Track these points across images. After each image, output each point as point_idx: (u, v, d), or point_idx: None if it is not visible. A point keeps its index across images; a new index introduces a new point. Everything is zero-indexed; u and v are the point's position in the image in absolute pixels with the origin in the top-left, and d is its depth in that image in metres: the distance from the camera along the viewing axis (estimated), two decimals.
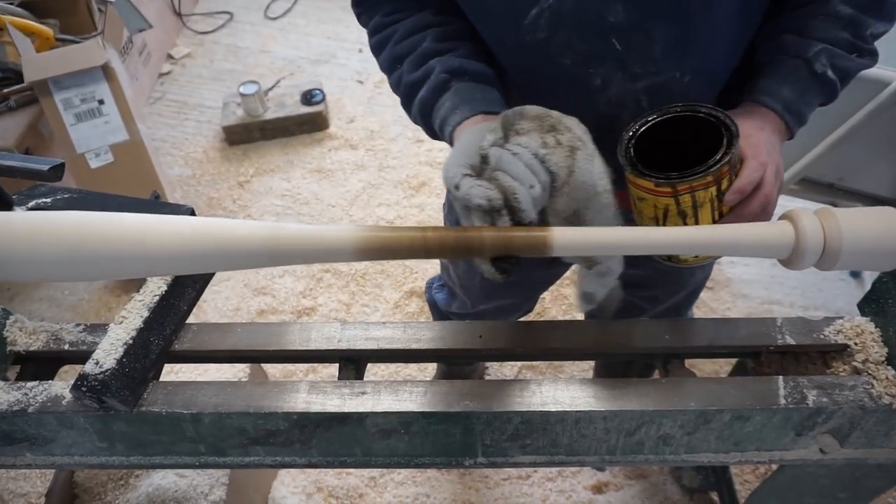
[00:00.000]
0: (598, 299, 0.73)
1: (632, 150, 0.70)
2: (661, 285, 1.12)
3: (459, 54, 0.77)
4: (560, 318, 1.87)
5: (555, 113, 0.65)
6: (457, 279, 1.21)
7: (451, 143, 0.74)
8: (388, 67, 0.81)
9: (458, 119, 0.72)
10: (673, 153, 0.70)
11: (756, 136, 0.72)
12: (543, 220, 0.64)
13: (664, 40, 0.71)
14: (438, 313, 1.41)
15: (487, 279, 1.08)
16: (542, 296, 1.93)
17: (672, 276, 1.10)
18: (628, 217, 0.95)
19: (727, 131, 0.67)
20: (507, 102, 0.82)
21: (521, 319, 1.33)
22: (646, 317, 1.19)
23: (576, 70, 0.75)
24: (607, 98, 0.77)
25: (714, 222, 0.70)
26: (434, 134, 0.80)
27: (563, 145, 0.62)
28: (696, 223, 0.70)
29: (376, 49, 0.83)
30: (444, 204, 1.19)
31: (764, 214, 0.71)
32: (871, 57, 0.78)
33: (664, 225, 0.71)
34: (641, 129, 0.71)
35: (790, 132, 0.78)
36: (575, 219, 0.65)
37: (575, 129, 0.63)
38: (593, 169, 0.63)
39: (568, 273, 1.24)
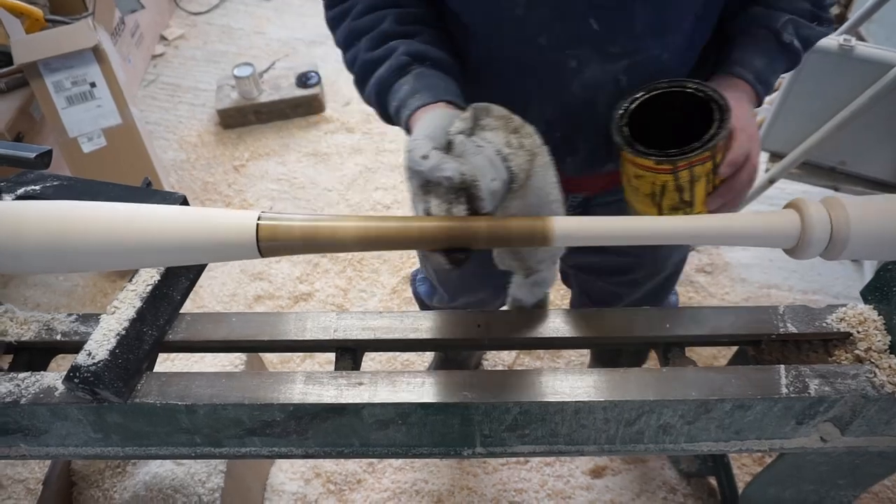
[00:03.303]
0: (528, 305, 0.76)
1: (626, 130, 0.70)
2: (641, 269, 1.11)
3: (421, 40, 0.75)
4: (558, 302, 1.87)
5: (517, 117, 0.65)
6: (434, 274, 1.20)
7: (406, 126, 0.73)
8: (345, 42, 0.80)
9: (417, 104, 0.71)
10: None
11: (738, 107, 0.73)
12: None
13: (646, 18, 0.71)
14: (423, 305, 1.40)
15: (463, 271, 1.05)
16: None
17: (651, 259, 1.10)
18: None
19: (718, 106, 0.68)
20: (465, 92, 0.81)
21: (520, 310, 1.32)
22: (623, 304, 1.18)
23: (551, 52, 0.74)
24: (582, 81, 0.76)
25: (707, 195, 0.72)
26: (387, 115, 0.78)
27: (524, 148, 0.62)
28: (692, 197, 0.71)
29: (334, 21, 0.81)
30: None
31: (749, 185, 0.74)
32: (829, 24, 0.82)
33: (661, 200, 0.72)
34: (632, 107, 0.71)
35: (759, 101, 0.80)
36: None
37: (535, 136, 0.64)
38: (548, 177, 0.64)
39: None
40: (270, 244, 0.55)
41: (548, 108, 0.80)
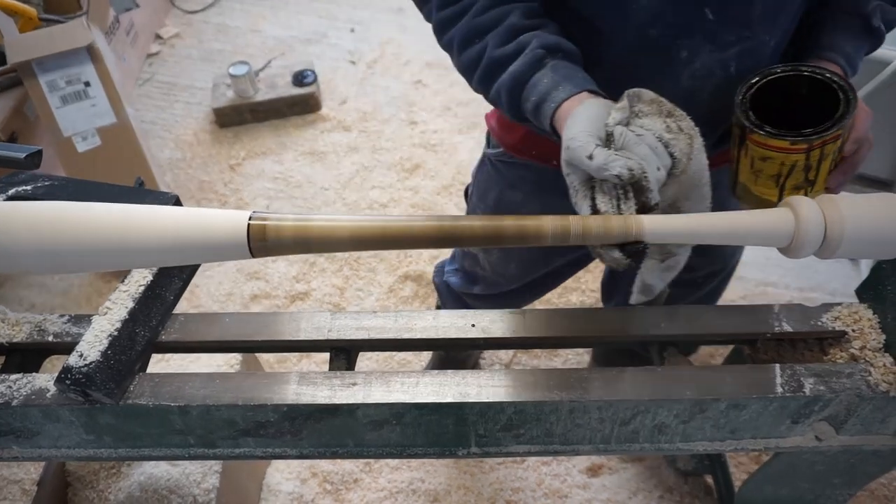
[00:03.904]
0: (656, 292, 0.74)
1: (752, 114, 0.72)
2: (705, 266, 1.11)
3: (549, 31, 0.75)
4: (555, 301, 1.87)
5: (665, 99, 0.65)
6: (489, 266, 1.20)
7: (548, 119, 0.71)
8: (464, 40, 0.77)
9: (563, 95, 0.70)
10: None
11: None
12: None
13: (763, 5, 0.72)
14: (452, 296, 1.39)
15: (524, 262, 1.04)
16: None
17: (719, 254, 1.09)
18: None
19: (840, 87, 0.71)
20: None
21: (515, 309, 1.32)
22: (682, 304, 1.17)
23: (662, 42, 0.74)
24: (691, 71, 0.77)
25: (829, 173, 0.74)
26: (518, 111, 0.76)
27: (684, 132, 0.62)
28: (816, 176, 0.73)
29: (448, 22, 0.78)
30: (470, 186, 1.16)
31: (864, 160, 0.77)
32: None
33: (785, 181, 0.73)
34: (750, 92, 0.73)
35: None
36: (672, 209, 0.65)
37: (689, 118, 0.64)
38: (703, 159, 0.64)
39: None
40: (262, 244, 0.55)
41: None
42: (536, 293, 1.29)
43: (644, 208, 0.60)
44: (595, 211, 0.61)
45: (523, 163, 1.00)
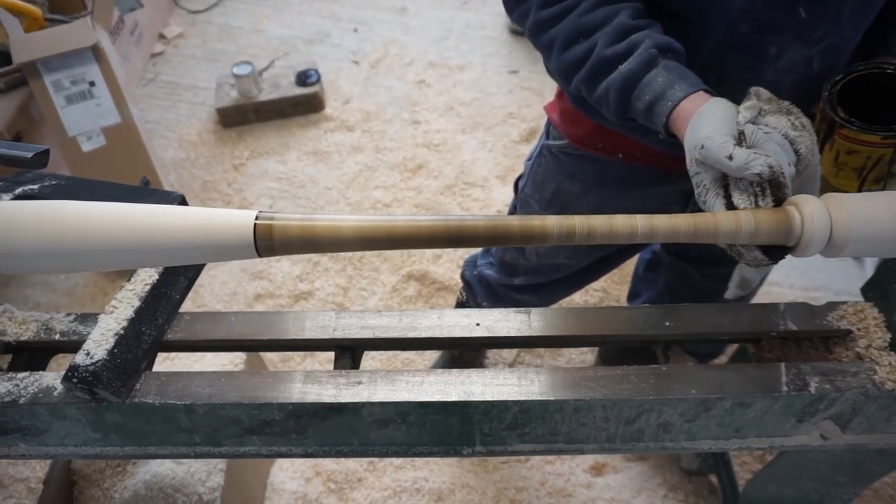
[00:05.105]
0: (753, 286, 0.74)
1: (840, 109, 0.72)
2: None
3: (657, 31, 0.75)
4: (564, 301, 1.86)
5: (775, 96, 0.65)
6: (536, 257, 1.21)
7: (663, 118, 0.71)
8: (568, 39, 0.77)
9: (680, 94, 0.70)
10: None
11: None
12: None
13: (854, 3, 0.73)
14: (486, 289, 1.38)
15: (574, 250, 1.05)
16: None
17: None
18: None
19: None
20: None
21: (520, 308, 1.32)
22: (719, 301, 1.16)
23: (751, 38, 0.75)
24: (776, 67, 0.77)
25: None
26: (624, 109, 0.76)
27: (807, 129, 0.63)
28: None
29: (549, 21, 0.78)
30: (520, 178, 1.17)
31: None
32: None
33: (868, 173, 0.74)
34: (835, 88, 0.74)
35: None
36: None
37: (804, 115, 0.64)
38: (818, 155, 0.65)
39: None
40: (268, 244, 0.55)
41: (737, 97, 0.78)
42: (582, 282, 1.29)
43: (779, 204, 0.61)
44: (731, 208, 0.62)
45: (587, 154, 1.01)
